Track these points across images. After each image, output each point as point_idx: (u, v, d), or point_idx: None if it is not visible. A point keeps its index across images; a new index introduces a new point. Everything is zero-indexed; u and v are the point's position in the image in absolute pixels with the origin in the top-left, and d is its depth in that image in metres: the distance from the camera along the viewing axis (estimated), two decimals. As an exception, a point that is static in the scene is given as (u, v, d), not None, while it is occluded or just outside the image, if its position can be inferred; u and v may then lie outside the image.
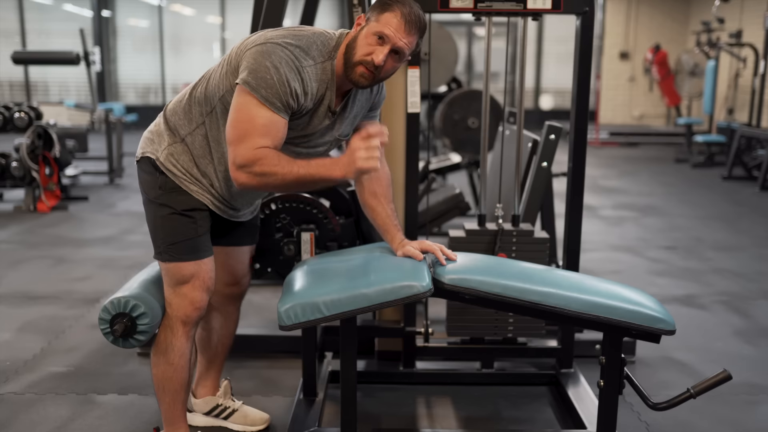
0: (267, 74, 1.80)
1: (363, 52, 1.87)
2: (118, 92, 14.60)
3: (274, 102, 1.81)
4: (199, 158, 2.01)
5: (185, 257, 2.01)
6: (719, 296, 3.98)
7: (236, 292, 2.38)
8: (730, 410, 2.64)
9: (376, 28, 1.86)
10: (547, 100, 14.12)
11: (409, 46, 1.89)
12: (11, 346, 3.17)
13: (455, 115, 5.38)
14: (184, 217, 2.01)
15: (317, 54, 1.89)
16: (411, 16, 1.87)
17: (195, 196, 2.02)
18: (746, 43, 9.40)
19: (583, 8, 2.55)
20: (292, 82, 1.82)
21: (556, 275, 2.10)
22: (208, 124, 1.99)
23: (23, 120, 5.97)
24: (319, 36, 1.93)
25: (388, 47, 1.86)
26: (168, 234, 2.01)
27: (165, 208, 2.01)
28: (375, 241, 2.81)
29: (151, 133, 2.09)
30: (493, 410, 2.64)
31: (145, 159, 2.05)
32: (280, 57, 1.81)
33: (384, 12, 1.87)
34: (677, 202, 6.97)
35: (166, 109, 2.09)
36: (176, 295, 2.04)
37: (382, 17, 1.87)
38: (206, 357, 2.43)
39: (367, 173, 1.88)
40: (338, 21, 13.66)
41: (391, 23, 1.85)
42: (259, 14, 3.02)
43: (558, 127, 3.00)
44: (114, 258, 4.65)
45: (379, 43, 1.86)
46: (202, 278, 2.05)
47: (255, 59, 1.82)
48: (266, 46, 1.83)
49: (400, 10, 1.86)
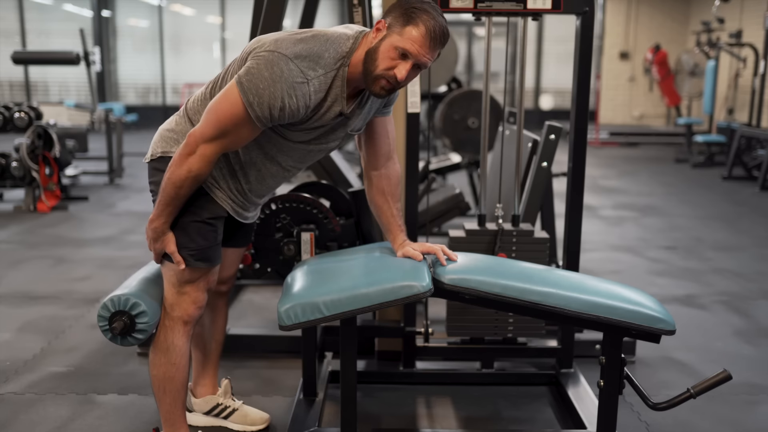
0: (261, 83, 1.77)
1: (385, 66, 1.82)
2: (118, 92, 14.61)
3: (255, 110, 1.79)
4: (224, 158, 1.98)
5: (200, 264, 2.00)
6: (719, 296, 3.98)
7: (225, 290, 2.39)
8: (730, 410, 2.64)
9: (399, 43, 1.80)
10: (547, 100, 14.13)
11: (432, 59, 1.85)
12: (11, 346, 3.17)
13: (455, 115, 5.38)
14: (207, 226, 1.99)
15: (327, 63, 1.83)
16: (435, 31, 1.80)
17: (219, 202, 2.00)
18: (746, 43, 9.41)
19: (583, 8, 2.55)
20: (286, 98, 1.78)
21: (556, 275, 2.10)
22: None
23: (23, 120, 5.97)
24: (331, 43, 1.85)
25: (410, 63, 1.82)
26: (188, 240, 1.98)
27: (188, 214, 1.98)
28: (375, 241, 2.82)
29: (173, 132, 2.02)
30: (493, 410, 2.64)
31: (166, 159, 1.98)
32: (281, 71, 1.77)
33: (408, 25, 1.80)
34: (677, 202, 6.97)
35: (187, 108, 2.04)
36: (179, 294, 2.03)
37: (406, 32, 1.80)
38: (200, 354, 2.43)
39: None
40: (338, 21, 13.67)
41: (416, 40, 1.79)
42: (259, 14, 3.02)
43: (558, 127, 3.01)
44: (114, 258, 4.65)
45: (402, 58, 1.82)
46: (208, 279, 2.06)
47: (257, 64, 1.79)
48: (274, 56, 1.79)
49: (425, 25, 1.79)
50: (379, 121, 2.10)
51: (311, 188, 2.85)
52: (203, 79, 13.36)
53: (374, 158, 2.14)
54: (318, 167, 3.56)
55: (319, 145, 2.00)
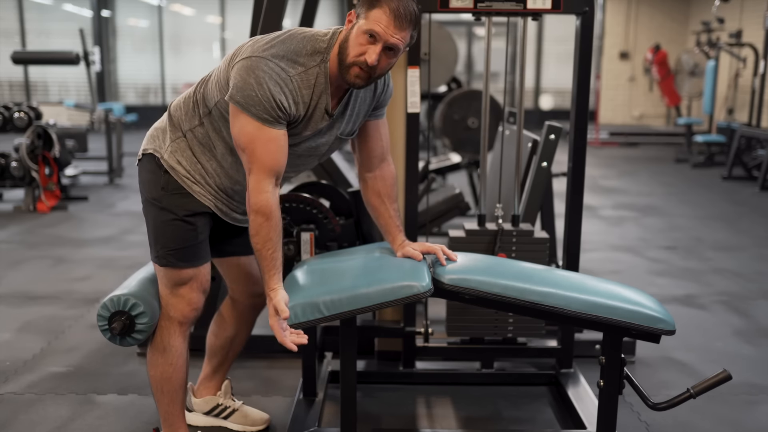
0: (252, 91, 1.78)
1: (355, 53, 1.82)
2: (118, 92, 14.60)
3: (266, 118, 1.80)
4: (200, 154, 2.00)
5: (184, 264, 2.00)
6: (719, 296, 3.98)
7: (260, 303, 2.34)
8: (730, 410, 2.64)
9: (365, 27, 1.79)
10: (547, 100, 14.13)
11: (402, 41, 1.82)
12: (11, 346, 3.17)
13: (455, 115, 5.38)
14: (185, 224, 1.99)
15: (306, 59, 1.85)
16: (400, 10, 1.78)
17: (197, 198, 2.00)
18: (746, 43, 9.41)
19: (583, 8, 2.55)
20: (278, 96, 1.79)
21: (556, 275, 2.10)
22: (208, 124, 1.98)
23: (23, 120, 5.97)
24: (308, 40, 1.87)
25: (380, 45, 1.80)
26: (168, 240, 1.99)
27: (166, 212, 1.99)
28: (375, 241, 2.82)
29: (156, 129, 2.08)
30: (493, 410, 2.64)
31: (148, 156, 2.03)
32: (264, 72, 1.78)
33: (372, 8, 1.79)
34: (677, 202, 6.97)
35: (171, 106, 2.08)
36: (174, 296, 2.03)
37: (371, 14, 1.79)
38: (215, 361, 2.42)
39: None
40: (338, 21, 13.67)
41: (381, 20, 1.78)
42: (259, 14, 3.01)
43: (558, 127, 3.00)
44: (114, 258, 4.65)
45: (371, 42, 1.80)
46: (200, 280, 2.05)
47: (241, 76, 1.80)
48: (251, 61, 1.80)
49: (387, 5, 1.78)
50: (372, 124, 2.09)
51: (311, 188, 2.85)
52: (203, 79, 13.34)
53: (368, 161, 2.14)
54: (318, 167, 3.56)
55: (308, 150, 1.99)
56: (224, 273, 2.31)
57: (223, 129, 1.96)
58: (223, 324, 2.35)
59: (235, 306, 2.34)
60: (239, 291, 2.31)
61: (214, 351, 2.39)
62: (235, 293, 2.32)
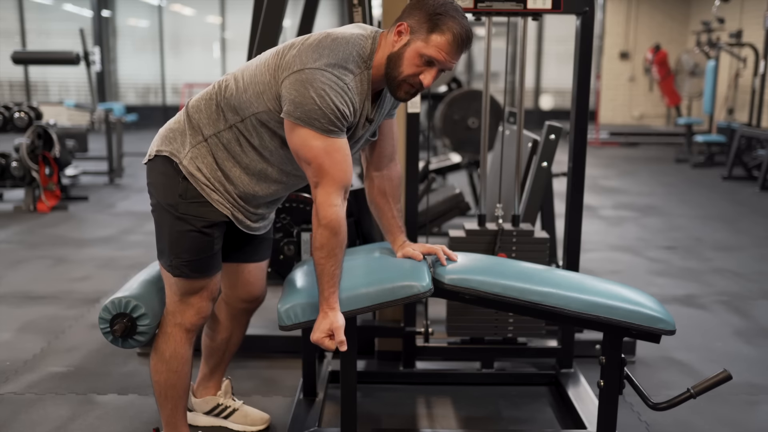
0: (314, 105, 1.72)
1: (410, 72, 1.79)
2: (118, 92, 14.60)
3: (330, 129, 1.75)
4: (223, 160, 1.93)
5: (198, 275, 1.97)
6: (719, 296, 3.98)
7: (253, 308, 2.34)
8: (730, 410, 2.64)
9: (424, 51, 1.77)
10: (547, 100, 14.12)
11: (456, 63, 1.83)
12: (11, 346, 3.17)
13: (455, 115, 5.38)
14: (203, 235, 1.93)
15: (354, 66, 1.80)
16: (461, 37, 1.77)
17: (216, 207, 1.93)
18: (746, 43, 9.40)
19: (583, 8, 2.55)
20: (341, 106, 1.75)
21: (556, 275, 2.10)
22: (237, 132, 1.91)
23: (23, 120, 5.97)
24: (353, 45, 1.82)
25: (436, 69, 1.80)
26: (183, 251, 1.93)
27: (183, 223, 1.92)
28: (375, 241, 2.82)
29: (172, 131, 1.97)
30: (493, 410, 2.64)
31: (164, 159, 1.94)
32: (322, 83, 1.73)
33: (433, 33, 1.76)
34: (677, 202, 6.97)
35: (189, 106, 1.99)
36: (182, 303, 2.01)
37: (432, 39, 1.76)
38: (211, 363, 2.41)
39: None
40: (338, 21, 13.66)
41: (443, 48, 1.76)
42: (259, 14, 3.02)
43: (558, 127, 3.00)
44: (114, 258, 4.65)
45: (428, 66, 1.79)
46: (211, 289, 2.03)
47: (297, 90, 1.74)
48: (305, 74, 1.74)
49: (451, 32, 1.75)
50: (386, 123, 2.08)
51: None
52: (203, 79, 13.37)
53: (378, 159, 2.13)
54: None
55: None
56: (222, 277, 2.30)
57: (256, 137, 1.90)
58: (217, 327, 2.34)
59: (228, 309, 2.31)
60: (234, 296, 2.28)
61: (210, 352, 2.39)
62: (230, 298, 2.29)
